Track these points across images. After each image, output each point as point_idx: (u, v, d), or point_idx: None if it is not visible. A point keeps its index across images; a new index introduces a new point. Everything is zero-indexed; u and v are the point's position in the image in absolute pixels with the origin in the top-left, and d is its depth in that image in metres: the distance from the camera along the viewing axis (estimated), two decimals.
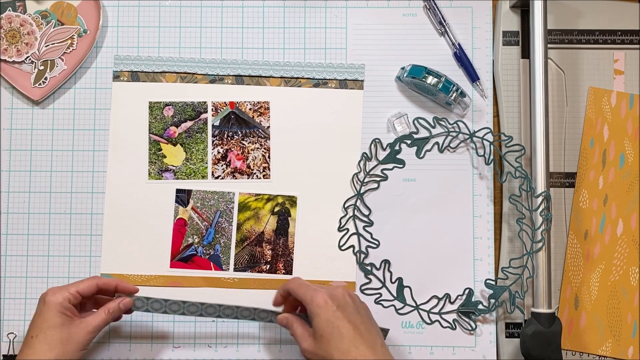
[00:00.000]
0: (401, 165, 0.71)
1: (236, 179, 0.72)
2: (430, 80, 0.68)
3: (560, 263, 0.70)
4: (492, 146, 0.71)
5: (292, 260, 0.71)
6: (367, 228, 0.71)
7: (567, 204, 0.71)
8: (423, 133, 0.72)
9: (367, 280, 0.71)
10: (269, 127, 0.72)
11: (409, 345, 0.70)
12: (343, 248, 0.71)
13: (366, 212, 0.71)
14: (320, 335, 0.59)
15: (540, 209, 0.66)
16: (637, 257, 0.70)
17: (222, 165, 0.72)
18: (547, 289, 0.65)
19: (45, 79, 0.71)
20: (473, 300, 0.70)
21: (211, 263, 0.71)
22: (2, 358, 0.70)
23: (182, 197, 0.71)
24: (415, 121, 0.71)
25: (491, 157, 0.71)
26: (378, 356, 0.57)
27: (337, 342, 0.58)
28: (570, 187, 0.71)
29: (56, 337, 0.58)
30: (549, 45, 0.69)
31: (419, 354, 0.70)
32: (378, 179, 0.71)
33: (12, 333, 0.71)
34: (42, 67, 0.71)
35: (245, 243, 0.71)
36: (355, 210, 0.71)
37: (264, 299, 0.70)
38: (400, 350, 0.70)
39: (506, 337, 0.69)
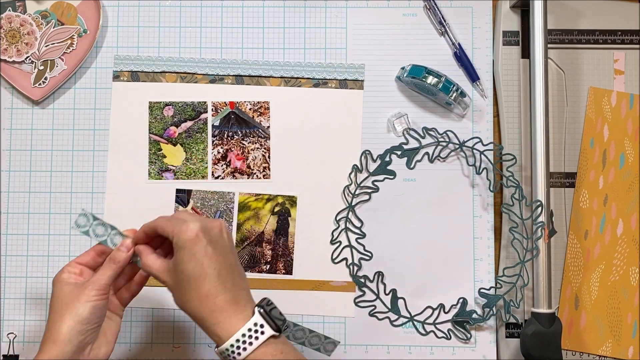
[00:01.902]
0: (392, 177, 0.71)
1: (236, 179, 0.72)
2: (430, 80, 0.68)
3: (560, 263, 0.70)
4: (482, 155, 0.71)
5: (292, 260, 0.71)
6: (359, 240, 0.71)
7: (567, 204, 0.71)
8: (413, 143, 0.71)
9: (361, 293, 0.71)
10: (269, 127, 0.72)
11: (409, 345, 0.70)
12: (336, 261, 0.71)
13: (358, 224, 0.71)
14: (181, 271, 0.52)
15: (533, 218, 0.66)
16: (637, 257, 0.70)
17: (222, 165, 0.72)
18: (547, 289, 0.65)
19: (45, 79, 0.71)
20: (467, 309, 0.70)
21: None
22: (2, 358, 0.70)
23: (182, 197, 0.71)
24: (405, 132, 0.71)
25: (482, 166, 0.71)
26: (239, 307, 0.52)
27: (199, 282, 0.52)
28: (570, 187, 0.71)
29: (60, 301, 0.55)
30: (549, 45, 0.69)
31: (419, 354, 0.70)
32: (369, 190, 0.71)
33: (12, 333, 0.71)
34: (42, 67, 0.71)
35: (245, 243, 0.71)
36: (347, 223, 0.71)
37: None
38: (400, 350, 0.70)
39: (506, 337, 0.69)
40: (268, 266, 0.71)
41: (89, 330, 0.55)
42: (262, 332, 0.52)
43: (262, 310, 0.53)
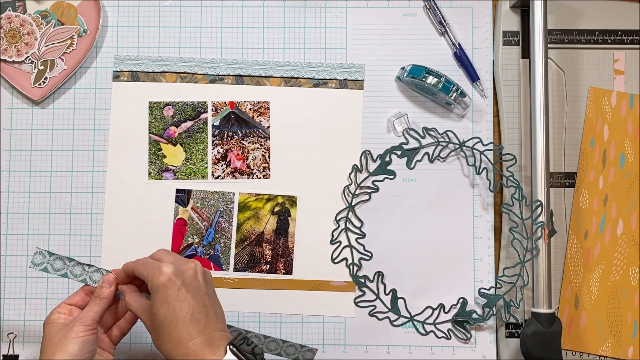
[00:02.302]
0: (392, 177, 0.71)
1: (236, 179, 0.72)
2: (430, 80, 0.68)
3: (560, 263, 0.70)
4: (482, 155, 0.71)
5: (292, 260, 0.71)
6: (359, 240, 0.71)
7: (567, 204, 0.71)
8: (413, 143, 0.71)
9: (361, 293, 0.71)
10: (269, 127, 0.72)
11: (409, 345, 0.70)
12: (336, 261, 0.71)
13: (358, 224, 0.71)
14: (154, 315, 0.52)
15: (533, 218, 0.66)
16: (637, 257, 0.70)
17: (222, 165, 0.72)
18: (547, 289, 0.65)
19: (45, 79, 0.71)
20: (467, 309, 0.70)
21: (211, 263, 0.71)
22: (2, 358, 0.70)
23: (182, 197, 0.71)
24: (405, 132, 0.71)
25: (482, 166, 0.71)
26: (213, 349, 0.51)
27: (171, 327, 0.52)
28: (570, 187, 0.71)
29: (50, 344, 0.56)
30: (549, 45, 0.69)
31: (419, 354, 0.70)
32: (369, 190, 0.71)
33: (12, 333, 0.70)
34: (42, 67, 0.71)
35: (245, 243, 0.71)
36: (347, 223, 0.71)
37: (264, 299, 0.70)
38: (400, 350, 0.70)
39: (506, 337, 0.69)
40: (268, 266, 0.71)
41: None
42: None
43: (233, 348, 0.52)
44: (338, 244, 0.71)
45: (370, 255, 0.71)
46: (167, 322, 0.52)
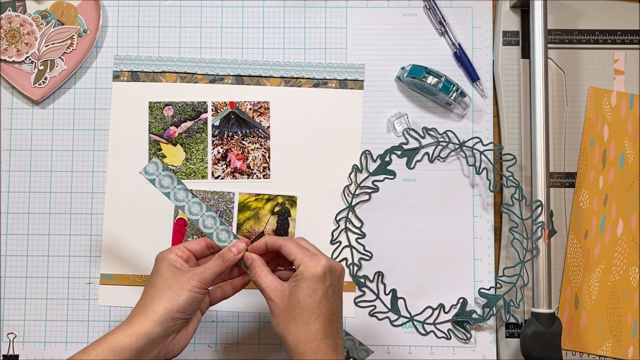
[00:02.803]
0: (392, 177, 0.71)
1: (236, 179, 0.72)
2: (430, 80, 0.68)
3: (560, 263, 0.70)
4: (482, 155, 0.71)
5: None
6: (359, 240, 0.71)
7: (567, 204, 0.71)
8: (413, 143, 0.71)
9: (361, 293, 0.71)
10: (269, 127, 0.72)
11: (409, 345, 0.70)
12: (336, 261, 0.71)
13: (358, 224, 0.71)
14: (297, 301, 0.53)
15: (533, 218, 0.66)
16: (637, 257, 0.70)
17: (222, 165, 0.72)
18: (547, 289, 0.65)
19: (45, 79, 0.71)
20: (467, 309, 0.70)
21: None
22: (2, 358, 0.70)
23: None
24: (405, 132, 0.71)
25: (482, 166, 0.71)
26: (338, 355, 0.54)
27: (311, 318, 0.53)
28: (570, 187, 0.71)
29: (161, 279, 0.55)
30: (549, 45, 0.69)
31: (419, 354, 0.70)
32: (369, 190, 0.71)
33: (12, 333, 0.71)
34: (42, 67, 0.71)
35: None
36: (347, 223, 0.71)
37: (264, 299, 0.70)
38: (400, 350, 0.70)
39: (506, 337, 0.69)
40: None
41: (180, 320, 0.55)
42: None
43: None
44: (338, 244, 0.71)
45: (370, 255, 0.71)
46: (309, 313, 0.53)
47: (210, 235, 0.59)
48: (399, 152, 0.71)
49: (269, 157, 0.72)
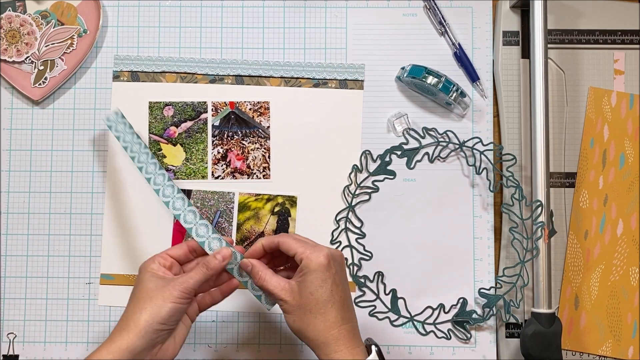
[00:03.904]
0: (392, 177, 0.71)
1: (236, 179, 0.72)
2: (430, 80, 0.68)
3: (560, 263, 0.70)
4: (482, 155, 0.71)
5: None
6: (359, 240, 0.71)
7: (567, 204, 0.71)
8: (413, 143, 0.71)
9: (361, 293, 0.71)
10: (269, 127, 0.72)
11: (409, 345, 0.70)
12: None
13: (358, 224, 0.71)
14: (310, 294, 0.54)
15: (533, 218, 0.66)
16: (637, 257, 0.70)
17: (222, 165, 0.72)
18: (547, 289, 0.65)
19: (45, 79, 0.71)
20: (467, 309, 0.70)
21: None
22: (2, 358, 0.70)
23: None
24: (405, 132, 0.71)
25: (482, 166, 0.71)
26: (356, 339, 0.54)
27: (327, 308, 0.53)
28: (570, 187, 0.71)
29: (143, 291, 0.54)
30: (549, 45, 0.69)
31: (419, 354, 0.70)
32: (369, 190, 0.71)
33: (12, 333, 0.71)
34: (42, 67, 0.71)
35: (245, 243, 0.71)
36: (347, 223, 0.71)
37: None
38: (400, 350, 0.70)
39: (506, 337, 0.69)
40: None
41: (164, 331, 0.54)
42: None
43: (378, 350, 0.56)
44: (338, 244, 0.71)
45: (370, 255, 0.71)
46: (323, 302, 0.53)
47: (202, 244, 0.59)
48: (399, 152, 0.71)
49: (269, 157, 0.72)
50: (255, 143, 0.72)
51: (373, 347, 0.55)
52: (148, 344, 0.53)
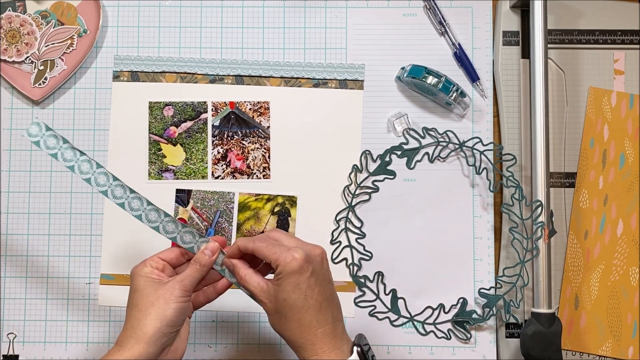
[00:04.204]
0: (392, 177, 0.71)
1: (236, 179, 0.72)
2: (430, 80, 0.68)
3: (560, 263, 0.70)
4: (482, 155, 0.71)
5: None
6: (359, 240, 0.71)
7: (567, 204, 0.71)
8: (413, 143, 0.71)
9: (361, 293, 0.71)
10: (269, 127, 0.72)
11: (409, 345, 0.70)
12: (336, 261, 0.71)
13: (358, 224, 0.71)
14: (283, 300, 0.53)
15: (533, 218, 0.66)
16: (637, 257, 0.70)
17: (222, 165, 0.72)
18: (547, 289, 0.65)
19: (45, 79, 0.71)
20: (467, 309, 0.70)
21: None
22: (2, 358, 0.70)
23: (182, 197, 0.71)
24: (405, 132, 0.71)
25: (482, 166, 0.71)
26: (337, 340, 0.53)
27: (301, 313, 0.52)
28: (570, 187, 0.71)
29: (143, 298, 0.54)
30: (549, 45, 0.69)
31: (419, 354, 0.70)
32: (369, 190, 0.71)
33: (12, 333, 0.71)
34: (42, 67, 0.71)
35: None
36: (347, 223, 0.71)
37: None
38: (400, 350, 0.70)
39: (506, 337, 0.69)
40: None
41: (172, 333, 0.54)
42: None
43: (359, 350, 0.54)
44: (338, 244, 0.71)
45: (370, 255, 0.71)
46: (297, 308, 0.53)
47: (191, 249, 0.58)
48: (399, 152, 0.71)
49: (269, 157, 0.72)
50: (255, 143, 0.72)
51: (355, 348, 0.54)
52: (159, 348, 0.53)
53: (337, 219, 0.71)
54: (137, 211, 0.57)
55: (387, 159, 0.71)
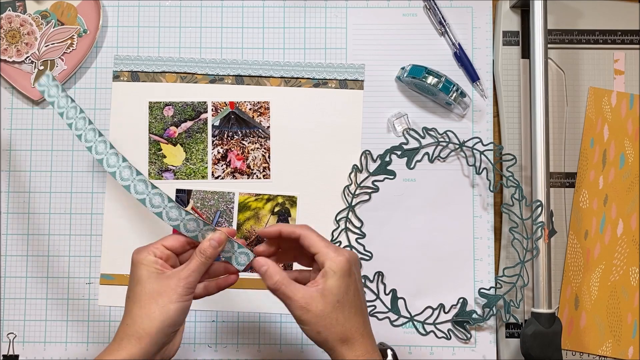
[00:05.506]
0: (392, 177, 0.71)
1: (236, 179, 0.72)
2: (430, 80, 0.68)
3: (560, 263, 0.70)
4: (482, 155, 0.71)
5: None
6: (359, 240, 0.71)
7: (567, 204, 0.71)
8: (413, 143, 0.71)
9: None
10: (269, 127, 0.72)
11: (409, 345, 0.70)
12: None
13: (358, 224, 0.71)
14: (336, 302, 0.51)
15: (533, 218, 0.66)
16: (637, 257, 0.70)
17: (222, 165, 0.72)
18: (547, 289, 0.65)
19: None
20: (467, 309, 0.70)
21: None
22: (2, 358, 0.70)
23: (182, 197, 0.71)
24: (405, 132, 0.71)
25: (482, 166, 0.71)
26: (373, 349, 0.53)
27: (350, 314, 0.52)
28: (570, 187, 0.71)
29: (144, 291, 0.52)
30: (549, 45, 0.69)
31: (419, 354, 0.70)
32: (369, 190, 0.71)
33: (12, 333, 0.71)
34: (42, 67, 0.71)
35: (246, 243, 0.71)
36: (347, 223, 0.71)
37: (264, 299, 0.70)
38: (400, 350, 0.70)
39: (506, 337, 0.69)
40: None
41: (173, 333, 0.53)
42: None
43: (393, 353, 0.56)
44: (338, 244, 0.71)
45: (370, 255, 0.71)
46: (349, 309, 0.52)
47: (196, 237, 0.55)
48: (399, 152, 0.71)
49: (269, 157, 0.72)
50: (255, 143, 0.72)
51: (389, 351, 0.55)
52: (160, 347, 0.52)
53: (337, 219, 0.71)
54: (141, 194, 0.55)
55: (387, 159, 0.71)
